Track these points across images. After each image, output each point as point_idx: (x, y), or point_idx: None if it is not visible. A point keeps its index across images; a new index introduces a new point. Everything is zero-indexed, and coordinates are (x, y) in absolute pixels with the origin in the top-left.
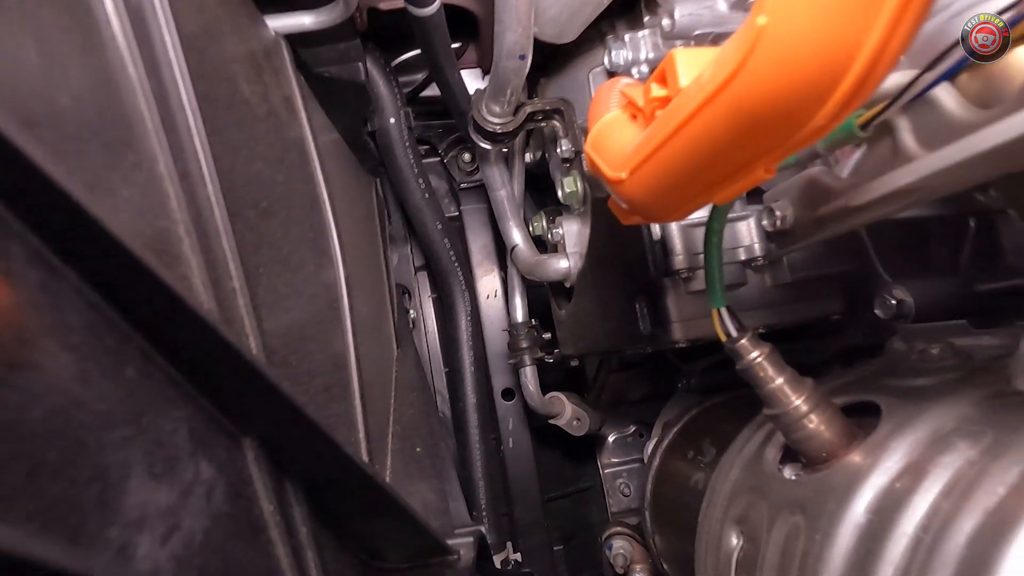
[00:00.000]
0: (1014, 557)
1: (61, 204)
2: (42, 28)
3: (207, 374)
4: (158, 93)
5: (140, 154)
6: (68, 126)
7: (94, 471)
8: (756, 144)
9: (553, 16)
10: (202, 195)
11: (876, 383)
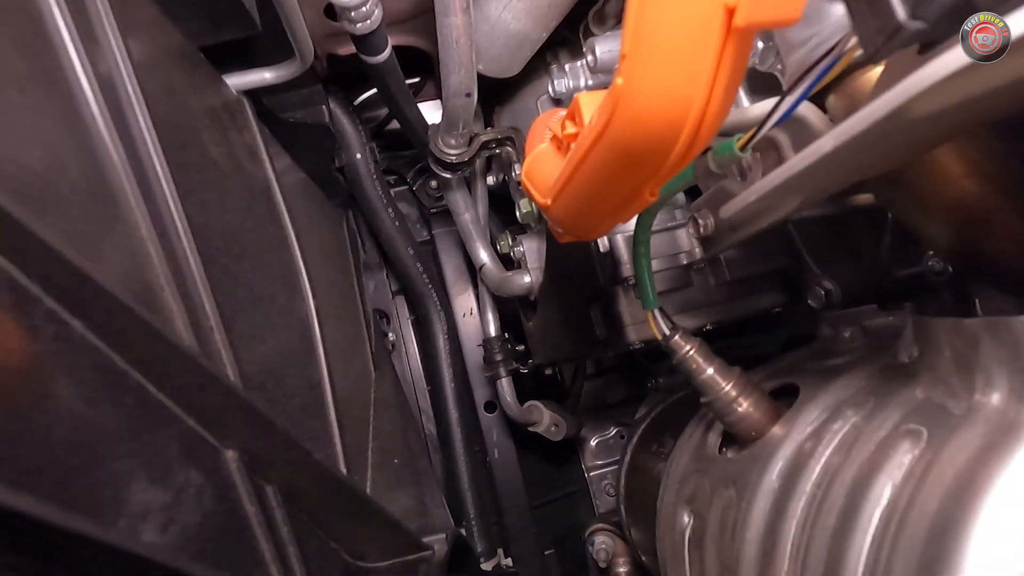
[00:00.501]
0: (877, 494)
1: (65, 268)
2: (37, 115)
3: (191, 398)
4: (137, 170)
5: (126, 223)
6: (67, 207)
7: (107, 475)
8: (634, 175)
9: (495, 55)
10: (179, 250)
11: (801, 367)
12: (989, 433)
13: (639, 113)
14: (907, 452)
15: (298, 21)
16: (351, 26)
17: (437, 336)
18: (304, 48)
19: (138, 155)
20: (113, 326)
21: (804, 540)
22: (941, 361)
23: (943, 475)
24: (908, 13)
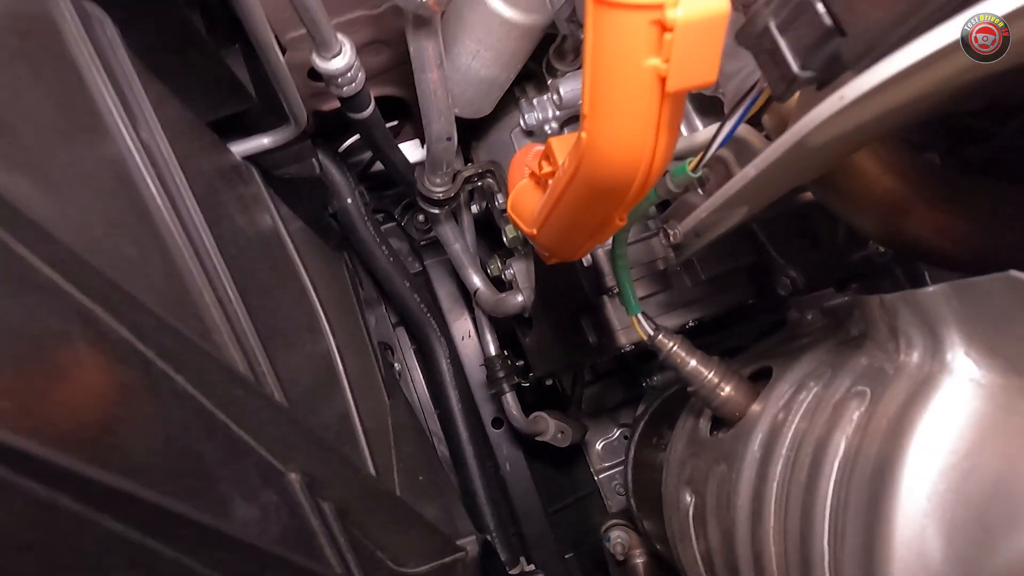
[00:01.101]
0: (834, 448)
1: (173, 336)
2: (98, 182)
3: (261, 430)
4: (185, 229)
5: (185, 281)
6: (140, 268)
7: (215, 496)
8: (604, 207)
9: (468, 99)
10: (231, 308)
11: (774, 350)
12: (912, 385)
13: (601, 161)
14: (855, 410)
15: (292, 90)
16: (338, 89)
17: (440, 361)
18: (298, 113)
19: (181, 214)
20: (203, 378)
21: (784, 496)
22: (878, 331)
23: (880, 424)
24: (799, 65)
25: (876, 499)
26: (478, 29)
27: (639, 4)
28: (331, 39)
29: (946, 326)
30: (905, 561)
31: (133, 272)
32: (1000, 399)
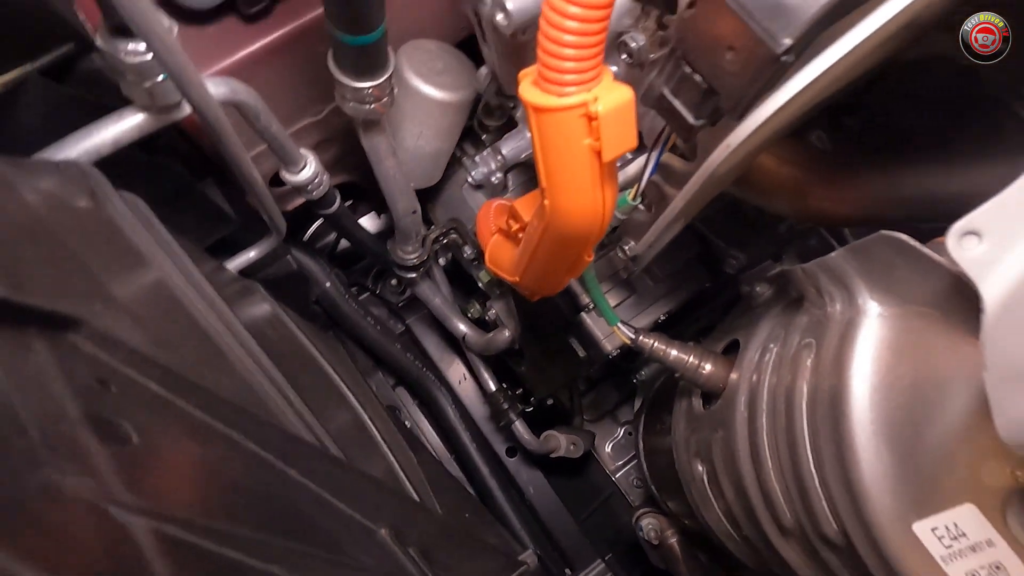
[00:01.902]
0: (800, 393)
1: (277, 434)
2: (176, 327)
3: (355, 498)
4: (243, 347)
5: (256, 389)
6: (233, 396)
7: (333, 549)
8: (573, 251)
9: (421, 173)
10: (291, 399)
11: (737, 323)
12: (841, 329)
13: (565, 221)
14: (808, 358)
15: (273, 207)
16: (307, 194)
17: (445, 408)
18: (280, 224)
19: (225, 320)
20: (302, 466)
21: (774, 442)
22: (808, 292)
23: (826, 365)
24: (694, 117)
25: (837, 422)
26: (418, 114)
27: (570, 106)
28: (296, 155)
29: (851, 279)
30: (868, 462)
31: (209, 377)
32: (900, 323)
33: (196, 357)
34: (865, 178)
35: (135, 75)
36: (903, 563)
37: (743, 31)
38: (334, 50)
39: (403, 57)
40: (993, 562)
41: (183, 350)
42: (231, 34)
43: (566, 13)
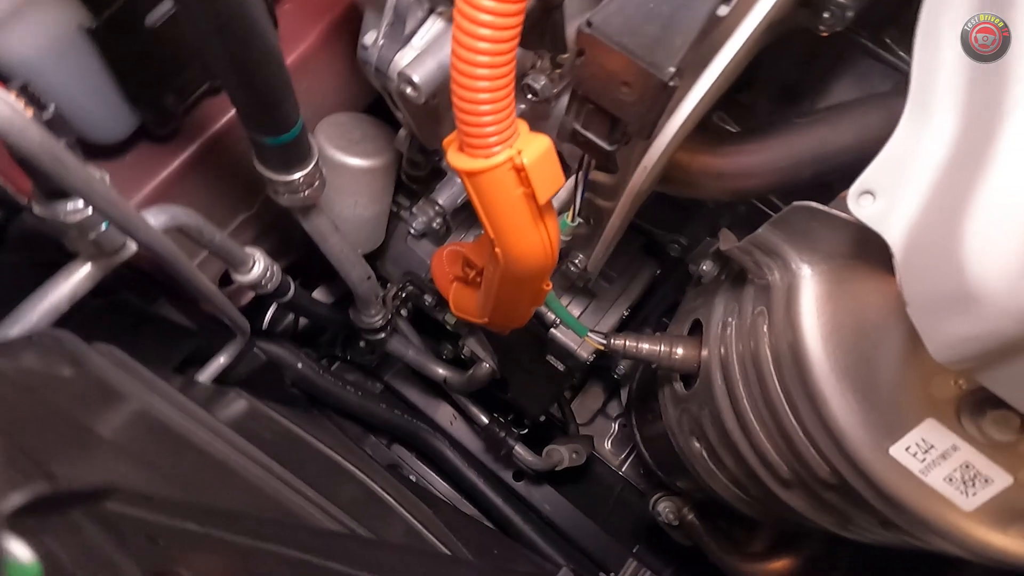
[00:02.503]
0: (763, 355)
1: (312, 533)
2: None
3: (393, 568)
4: (245, 455)
5: (270, 493)
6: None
7: None
8: (532, 286)
9: (365, 238)
10: (308, 494)
11: (693, 304)
12: (784, 293)
13: (518, 264)
14: (763, 324)
15: (231, 309)
16: (261, 289)
17: (444, 453)
18: (242, 324)
19: (224, 436)
20: (340, 556)
21: (755, 405)
22: (750, 265)
23: (779, 327)
24: (608, 144)
25: (802, 376)
26: (349, 185)
27: (497, 164)
28: (243, 255)
29: (781, 248)
30: (837, 405)
31: (224, 493)
32: (830, 278)
33: (206, 478)
34: (768, 146)
35: (78, 231)
36: (890, 485)
37: (632, 67)
38: (257, 151)
39: (321, 136)
40: (962, 463)
41: (194, 477)
42: (148, 159)
43: (476, 86)
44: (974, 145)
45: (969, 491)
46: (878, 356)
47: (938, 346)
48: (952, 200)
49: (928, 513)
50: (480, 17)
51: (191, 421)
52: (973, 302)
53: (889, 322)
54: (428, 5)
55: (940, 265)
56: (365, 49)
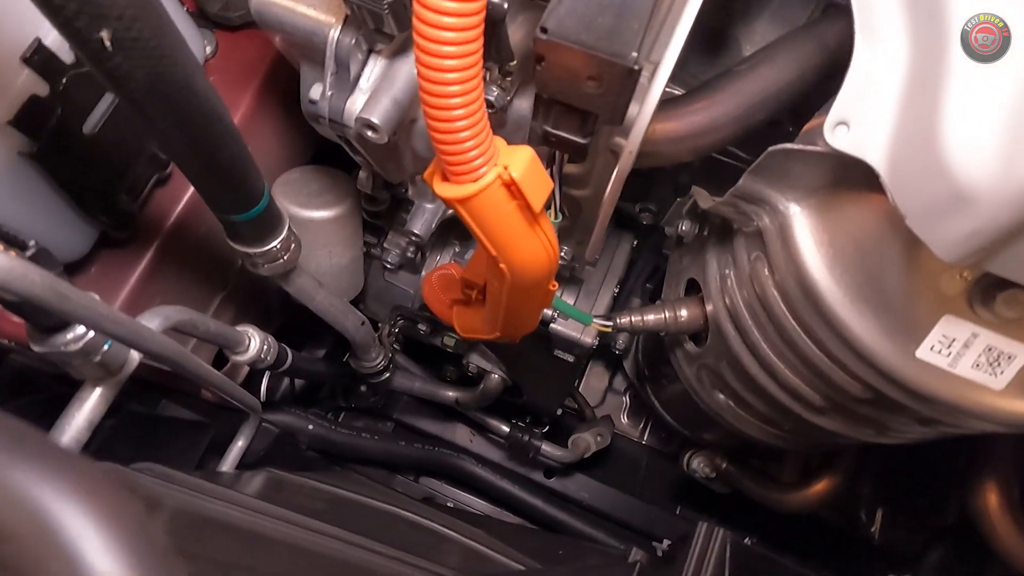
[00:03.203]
0: (771, 294)
1: None
2: None
3: None
4: (324, 534)
5: (363, 564)
6: None
7: None
8: (540, 290)
9: (347, 285)
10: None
11: (681, 266)
12: (779, 234)
13: (524, 274)
14: (763, 268)
15: (241, 392)
16: (261, 363)
17: (474, 471)
18: (253, 404)
19: (279, 516)
20: None
21: (775, 346)
22: (736, 217)
23: (781, 265)
24: (582, 138)
25: (816, 306)
26: (319, 238)
27: (487, 185)
28: (238, 336)
29: (766, 194)
30: (857, 324)
31: None
32: (819, 209)
33: (284, 566)
34: (718, 99)
35: (83, 357)
36: (925, 386)
37: (595, 61)
38: (229, 230)
39: (280, 197)
40: (984, 347)
41: (272, 569)
42: (115, 266)
43: (452, 116)
44: (929, 55)
45: (996, 371)
46: (884, 270)
47: (944, 248)
48: (923, 111)
49: (965, 401)
50: (444, 50)
51: (251, 514)
52: (967, 200)
53: (887, 236)
54: (366, 47)
55: (927, 174)
56: (314, 103)
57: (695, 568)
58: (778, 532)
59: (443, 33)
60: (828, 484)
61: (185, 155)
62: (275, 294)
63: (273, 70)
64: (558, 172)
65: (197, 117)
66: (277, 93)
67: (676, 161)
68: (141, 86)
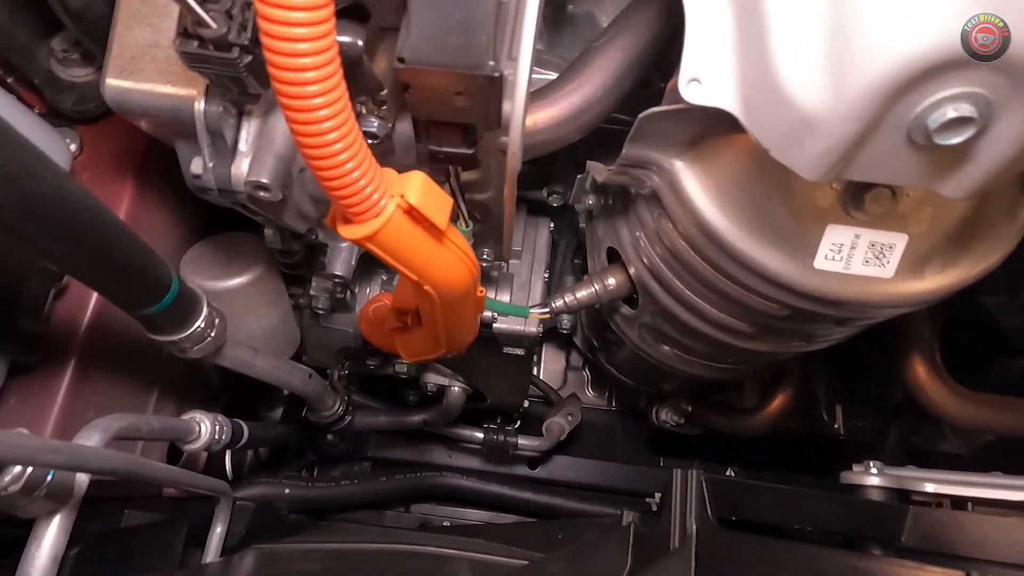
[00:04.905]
0: (677, 245)
1: None
2: None
3: None
4: None
5: None
6: None
7: None
8: (469, 299)
9: (283, 344)
10: None
11: (597, 236)
12: (671, 190)
13: (449, 290)
14: (667, 223)
15: (205, 480)
16: (217, 445)
17: (460, 484)
18: (221, 488)
19: None
20: None
21: (696, 290)
22: (631, 183)
23: (682, 219)
24: (467, 148)
25: (720, 246)
26: (242, 305)
27: (388, 217)
28: (186, 426)
29: (649, 156)
30: (759, 253)
31: None
32: (698, 160)
33: None
34: (587, 77)
35: (26, 496)
36: (830, 292)
37: (457, 78)
38: (146, 324)
39: (190, 276)
40: (868, 244)
41: None
42: (35, 393)
43: (337, 161)
44: (746, 3)
45: (884, 262)
46: (768, 200)
47: (806, 169)
48: (757, 53)
49: (866, 295)
50: (314, 102)
51: None
52: (812, 124)
53: (761, 170)
54: (235, 110)
55: (775, 109)
56: (198, 177)
57: (680, 512)
58: (755, 456)
59: (306, 88)
60: (784, 398)
61: (78, 265)
62: (214, 370)
63: (147, 151)
64: (456, 183)
65: (78, 225)
66: (158, 173)
67: (568, 143)
68: (11, 212)
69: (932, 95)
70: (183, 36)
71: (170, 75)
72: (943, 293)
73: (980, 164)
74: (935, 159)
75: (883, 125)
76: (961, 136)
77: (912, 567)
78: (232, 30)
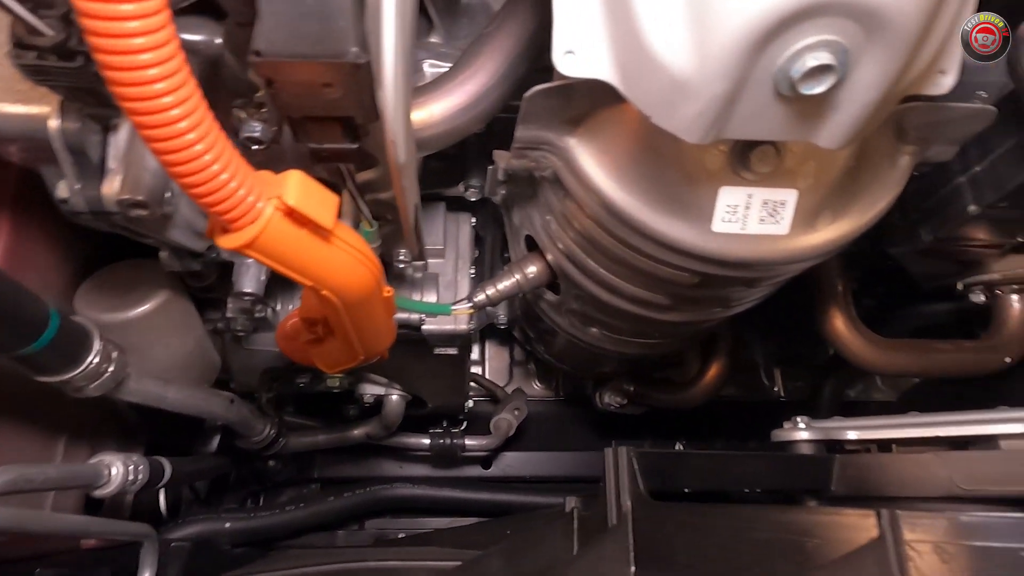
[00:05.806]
0: (587, 225)
1: None
2: None
3: None
4: None
5: None
6: None
7: None
8: (376, 299)
9: (201, 371)
10: None
11: (515, 224)
12: (568, 169)
13: (347, 292)
14: (571, 204)
15: (122, 526)
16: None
17: (412, 494)
18: (143, 531)
19: None
20: None
21: (608, 266)
22: (532, 166)
23: (583, 198)
24: (351, 142)
25: (621, 218)
26: (147, 335)
27: (267, 220)
28: (94, 471)
29: (541, 136)
30: (660, 223)
31: None
32: (589, 136)
33: None
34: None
35: None
36: (732, 253)
37: (320, 68)
38: (31, 365)
39: (85, 310)
40: (761, 202)
41: None
42: None
43: (201, 164)
44: None
45: (778, 219)
46: (660, 168)
47: (686, 131)
48: (625, 21)
49: (767, 253)
50: (163, 102)
51: None
52: (685, 86)
53: (649, 139)
54: (97, 124)
55: (649, 75)
56: (67, 202)
57: (616, 491)
58: (702, 428)
59: (151, 87)
60: (718, 366)
61: None
62: (128, 408)
63: (22, 180)
64: (352, 183)
65: None
66: (37, 203)
67: (471, 132)
68: None
69: (790, 46)
70: (18, 47)
71: (18, 93)
72: (838, 243)
73: (847, 111)
74: (804, 110)
75: (750, 81)
76: (824, 84)
77: (831, 512)
78: (73, 36)
